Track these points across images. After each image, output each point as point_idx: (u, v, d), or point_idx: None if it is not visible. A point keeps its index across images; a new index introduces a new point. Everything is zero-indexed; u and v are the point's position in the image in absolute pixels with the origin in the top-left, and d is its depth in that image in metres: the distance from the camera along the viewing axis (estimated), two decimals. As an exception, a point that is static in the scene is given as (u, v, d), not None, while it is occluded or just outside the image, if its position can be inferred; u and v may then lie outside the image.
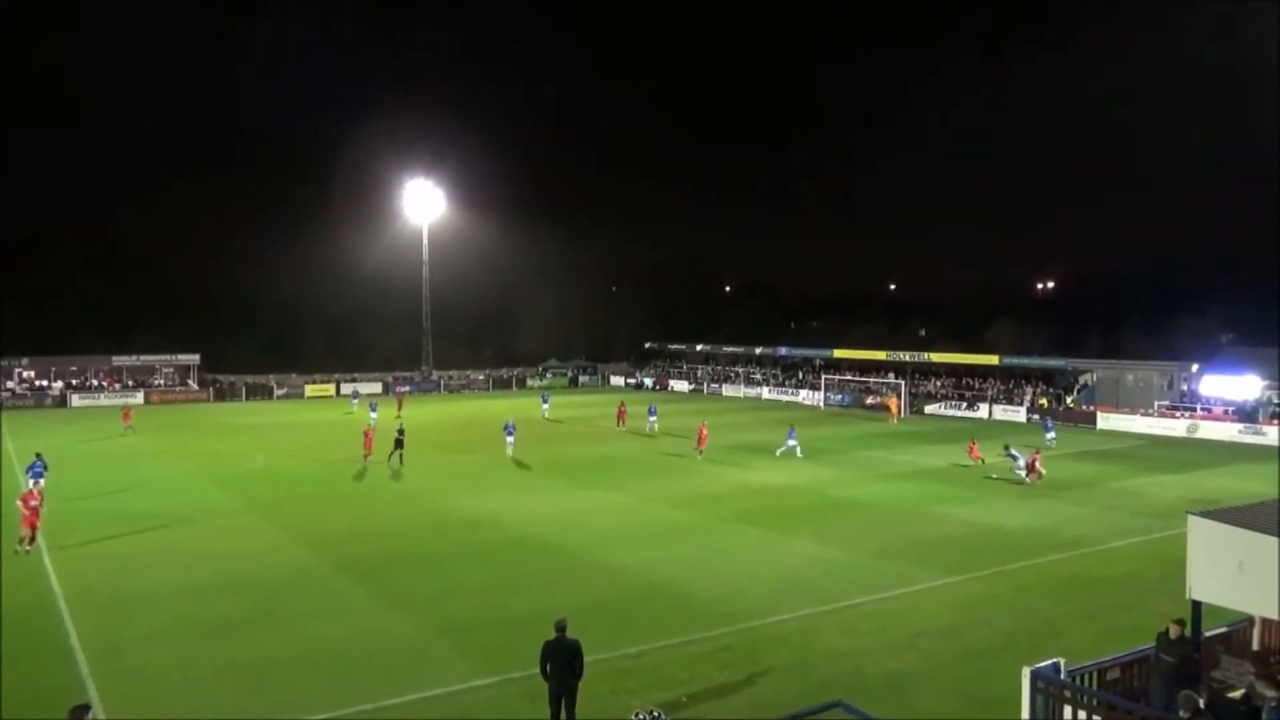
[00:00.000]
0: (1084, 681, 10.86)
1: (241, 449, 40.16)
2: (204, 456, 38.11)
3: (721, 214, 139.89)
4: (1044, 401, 54.06)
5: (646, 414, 46.94)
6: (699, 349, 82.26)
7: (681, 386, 77.61)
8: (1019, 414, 53.88)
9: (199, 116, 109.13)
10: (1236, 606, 11.20)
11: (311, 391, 70.58)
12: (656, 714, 8.27)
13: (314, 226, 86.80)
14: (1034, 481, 31.05)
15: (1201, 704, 10.02)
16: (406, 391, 69.49)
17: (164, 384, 67.53)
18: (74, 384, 64.08)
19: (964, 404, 57.21)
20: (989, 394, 57.40)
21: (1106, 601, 18.22)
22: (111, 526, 24.22)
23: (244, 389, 69.09)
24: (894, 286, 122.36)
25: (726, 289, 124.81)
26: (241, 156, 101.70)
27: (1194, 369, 50.84)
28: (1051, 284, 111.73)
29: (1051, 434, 40.44)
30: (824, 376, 65.46)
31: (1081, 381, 55.64)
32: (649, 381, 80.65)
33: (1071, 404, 52.83)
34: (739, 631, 16.18)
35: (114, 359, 66.32)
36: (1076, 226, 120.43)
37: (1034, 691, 10.34)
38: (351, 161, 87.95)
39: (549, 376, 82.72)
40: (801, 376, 70.37)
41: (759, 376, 73.80)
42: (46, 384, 63.35)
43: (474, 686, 13.84)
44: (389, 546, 22.60)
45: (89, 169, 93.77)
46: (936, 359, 63.63)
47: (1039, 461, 31.79)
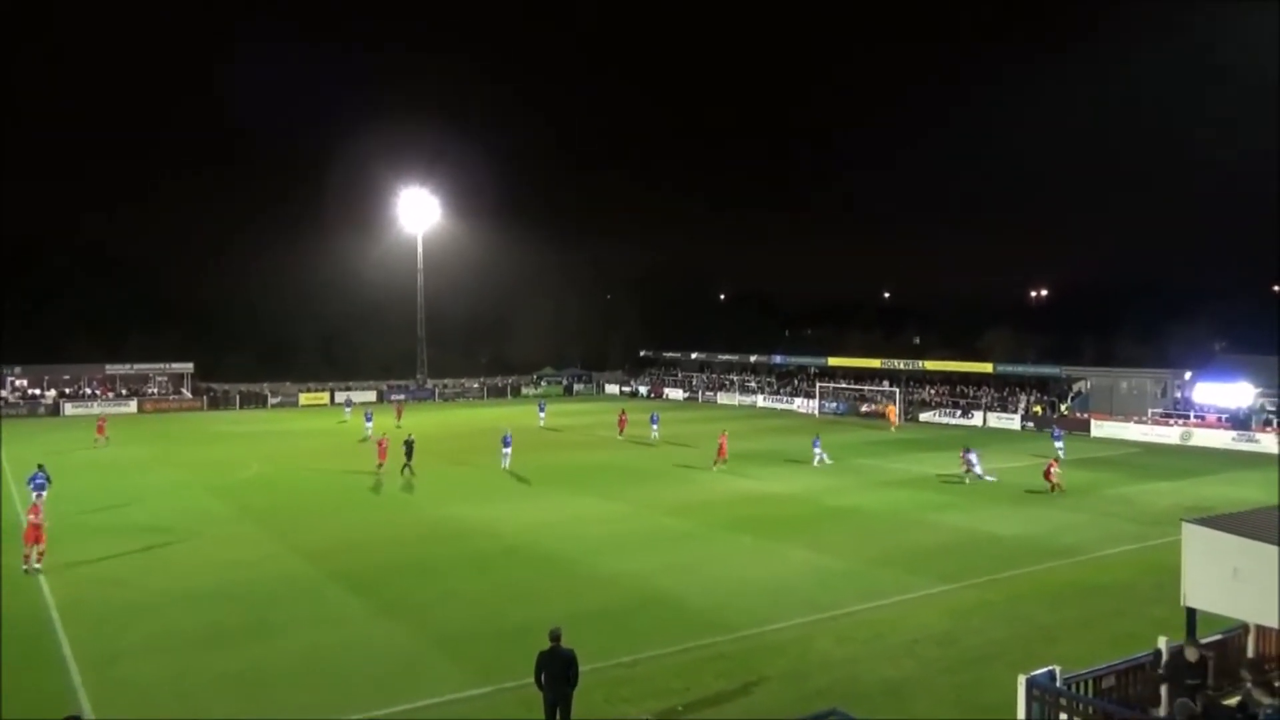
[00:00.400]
0: (1079, 689, 10.87)
1: (235, 457, 40.04)
2: (198, 465, 37.97)
3: (716, 222, 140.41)
4: (1038, 409, 54.18)
5: (649, 422, 47.02)
6: (694, 357, 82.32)
7: (676, 394, 77.60)
8: (1013, 421, 54.00)
9: (194, 123, 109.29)
10: (1231, 614, 11.21)
11: (306, 400, 70.42)
12: None
13: (309, 234, 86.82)
14: (1056, 491, 30.74)
15: (1197, 711, 10.02)
16: (401, 400, 69.30)
17: (158, 392, 67.23)
18: (67, 392, 63.80)
19: (959, 412, 57.33)
20: (983, 402, 57.52)
21: (1101, 609, 18.25)
22: (104, 535, 24.08)
23: (238, 397, 68.88)
24: (888, 294, 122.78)
25: (721, 297, 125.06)
26: (236, 164, 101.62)
27: (1187, 376, 51.08)
28: (1045, 292, 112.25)
29: (1060, 442, 39.55)
30: (819, 384, 65.55)
31: (1075, 389, 55.83)
32: (644, 389, 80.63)
33: (1066, 411, 52.93)
34: (734, 640, 16.15)
35: (107, 367, 66.06)
36: (1070, 234, 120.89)
37: (1030, 699, 10.35)
38: (346, 169, 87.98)
39: (544, 384, 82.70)
40: (796, 384, 70.42)
41: (754, 384, 73.86)
42: (39, 392, 63.06)
43: (468, 696, 13.79)
44: (383, 555, 22.53)
45: (83, 176, 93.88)
46: (931, 367, 63.83)
47: (1055, 471, 31.51)
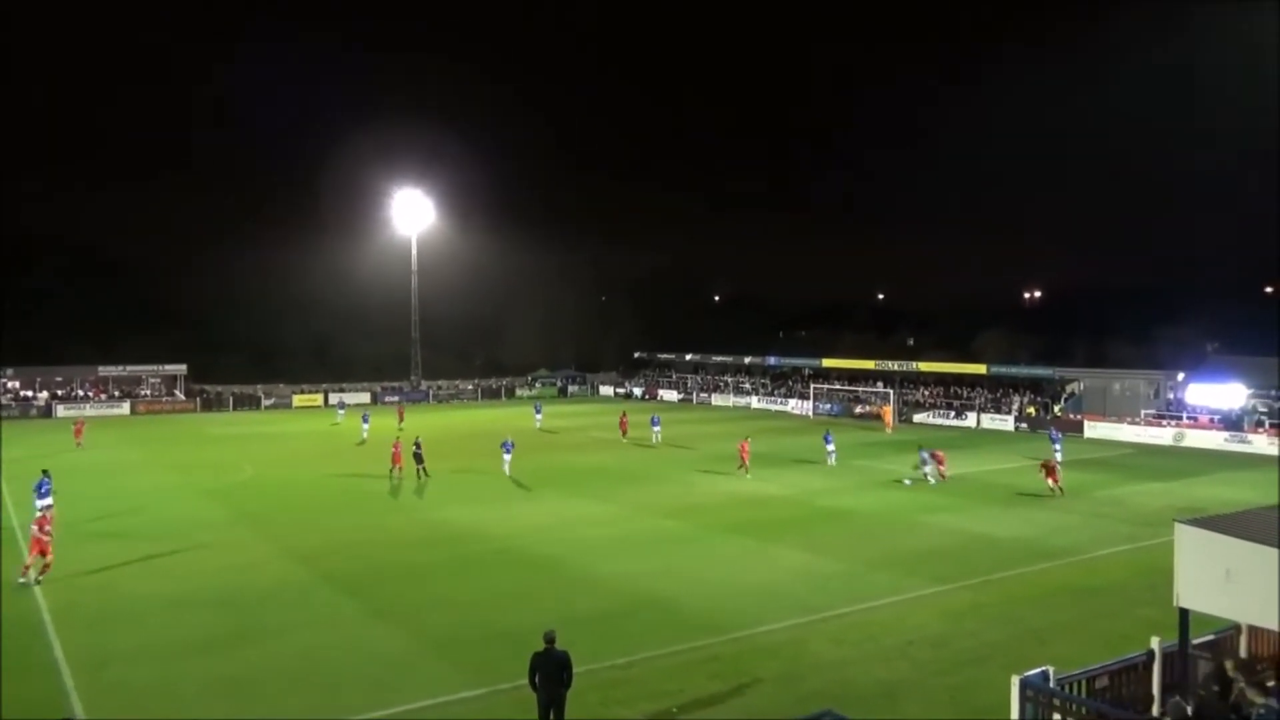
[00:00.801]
0: (1073, 690, 10.88)
1: (229, 460, 39.93)
2: (191, 468, 37.85)
3: (710, 223, 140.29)
4: (1031, 410, 54.31)
5: (650, 424, 47.04)
6: (688, 358, 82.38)
7: (671, 396, 77.63)
8: (1007, 423, 54.11)
9: (187, 126, 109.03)
10: (1224, 614, 11.20)
11: (299, 402, 70.29)
12: None
13: (302, 236, 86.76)
14: (1056, 493, 30.49)
15: (1189, 712, 10.05)
16: (397, 401, 69.21)
17: (150, 394, 67.10)
18: (59, 394, 63.59)
19: (952, 413, 57.44)
20: (977, 403, 57.63)
21: (1094, 610, 18.28)
22: (96, 539, 23.99)
23: (231, 399, 68.76)
24: (883, 295, 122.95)
25: (715, 298, 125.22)
26: (230, 166, 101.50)
27: (1180, 378, 51.18)
28: (1039, 293, 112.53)
29: (1059, 445, 39.03)
30: (813, 386, 65.63)
31: (1069, 390, 55.96)
32: (638, 391, 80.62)
33: (1059, 413, 53.04)
34: (728, 642, 16.14)
35: (100, 369, 65.93)
36: (1063, 236, 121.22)
37: (1023, 700, 10.35)
38: (340, 171, 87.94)
39: (538, 386, 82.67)
40: (791, 386, 70.49)
41: (748, 386, 73.93)
42: (32, 394, 62.87)
43: (462, 698, 13.76)
44: (377, 558, 22.48)
45: (76, 178, 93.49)
46: (925, 368, 63.98)
47: (1058, 473, 31.10)
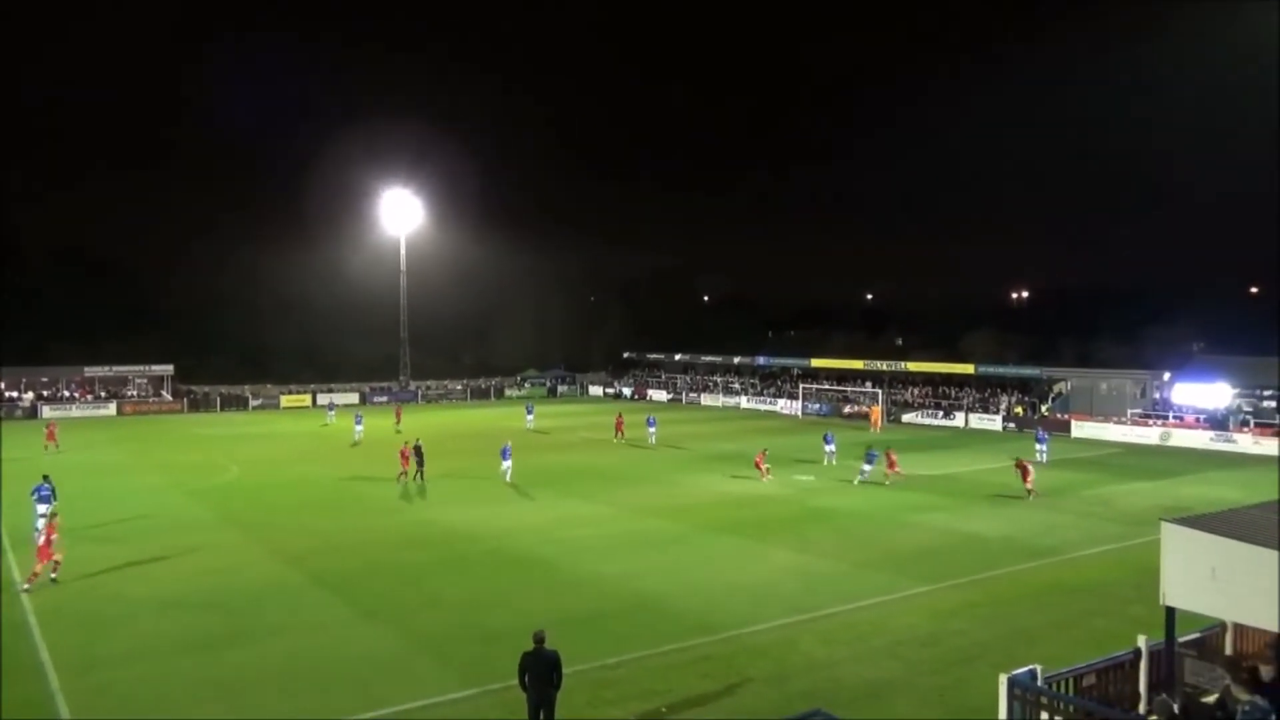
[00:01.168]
0: (1060, 688, 10.94)
1: (216, 461, 39.71)
2: (177, 469, 37.63)
3: (700, 224, 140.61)
4: (1019, 410, 54.56)
5: (645, 424, 47.12)
6: (677, 358, 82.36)
7: (660, 396, 77.62)
8: (995, 422, 54.35)
9: (174, 126, 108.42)
10: (1210, 612, 11.29)
11: (287, 402, 69.94)
12: None
13: (290, 236, 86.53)
14: (1025, 495, 30.23)
15: (1176, 709, 10.12)
16: (394, 402, 69.02)
17: (137, 395, 66.57)
18: (45, 395, 63.08)
19: (940, 413, 57.64)
20: (965, 403, 57.86)
21: (1082, 608, 18.38)
22: (82, 541, 23.76)
23: (219, 400, 68.32)
24: (871, 296, 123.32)
25: (705, 299, 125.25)
26: (217, 166, 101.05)
27: (1166, 377, 51.53)
28: (1026, 294, 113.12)
29: (1043, 445, 38.88)
30: (802, 386, 65.76)
31: (1056, 390, 56.26)
32: (627, 391, 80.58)
33: (1046, 412, 53.31)
34: (718, 642, 16.15)
35: (86, 370, 65.28)
36: (1050, 236, 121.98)
37: (1011, 699, 10.39)
38: (328, 171, 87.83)
39: (527, 386, 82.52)
40: (780, 386, 70.60)
41: (738, 386, 74.00)
42: (16, 395, 62.31)
43: (451, 699, 13.74)
44: (366, 559, 22.40)
45: (62, 178, 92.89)
46: (913, 368, 64.20)
47: (1030, 475, 30.57)
